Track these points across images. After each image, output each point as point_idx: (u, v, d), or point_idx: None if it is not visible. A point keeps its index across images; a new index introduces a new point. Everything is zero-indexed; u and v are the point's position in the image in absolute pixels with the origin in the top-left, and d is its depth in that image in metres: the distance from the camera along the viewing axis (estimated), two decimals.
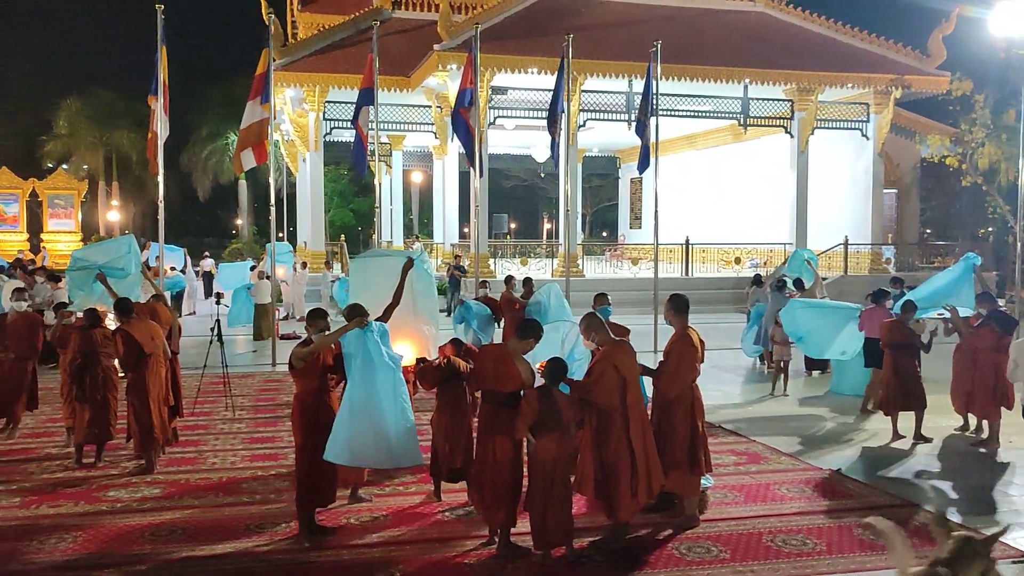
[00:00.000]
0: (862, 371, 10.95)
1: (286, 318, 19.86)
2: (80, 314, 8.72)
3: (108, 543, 6.02)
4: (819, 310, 11.56)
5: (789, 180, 26.16)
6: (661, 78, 15.50)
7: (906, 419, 9.18)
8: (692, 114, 25.20)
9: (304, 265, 22.39)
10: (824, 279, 17.59)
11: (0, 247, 29.99)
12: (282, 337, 15.84)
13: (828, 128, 26.03)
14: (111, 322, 8.70)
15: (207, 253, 30.23)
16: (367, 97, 14.35)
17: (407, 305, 7.33)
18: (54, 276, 14.12)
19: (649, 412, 6.40)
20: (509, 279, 12.98)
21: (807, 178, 25.82)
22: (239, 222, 50.84)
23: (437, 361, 6.89)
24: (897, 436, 9.14)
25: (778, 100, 25.30)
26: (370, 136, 14.83)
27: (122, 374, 8.24)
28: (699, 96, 24.54)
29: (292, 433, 6.38)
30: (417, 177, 42.24)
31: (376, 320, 6.59)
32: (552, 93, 15.25)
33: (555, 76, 15.69)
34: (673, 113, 24.21)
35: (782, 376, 11.94)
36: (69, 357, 8.20)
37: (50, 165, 46.19)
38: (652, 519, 6.40)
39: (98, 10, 77.19)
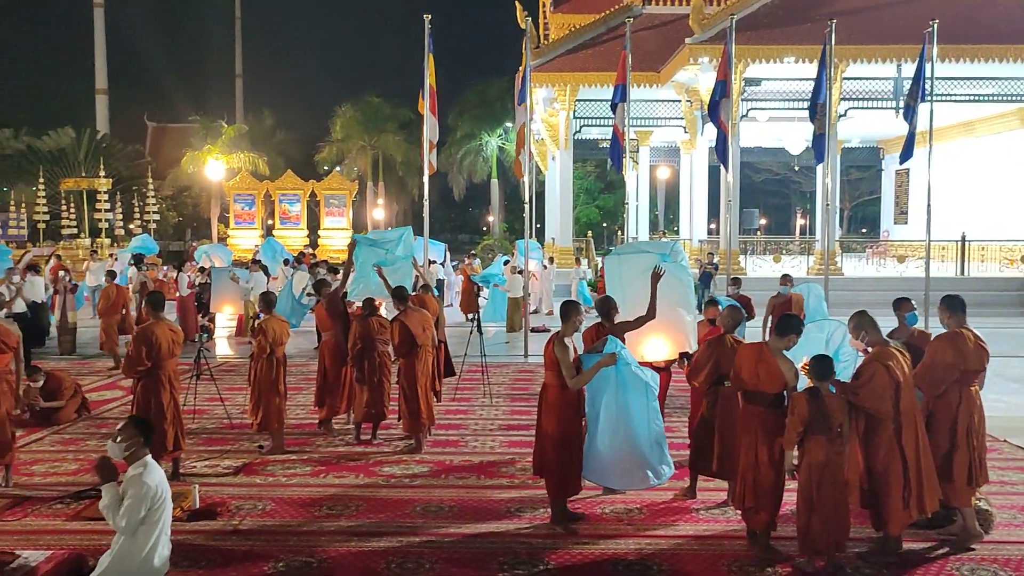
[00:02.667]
0: None
1: (535, 312, 20.48)
2: (360, 304, 9.54)
3: (385, 513, 6.56)
4: None
5: None
6: (936, 60, 14.27)
7: None
8: (971, 98, 23.06)
9: (552, 260, 23.01)
10: None
11: (284, 242, 33.42)
12: (533, 330, 16.35)
13: None
14: (385, 311, 9.44)
15: (474, 252, 31.58)
16: (621, 94, 14.47)
17: (663, 297, 7.15)
18: (334, 269, 15.48)
19: None
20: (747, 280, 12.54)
21: None
22: (491, 219, 53.08)
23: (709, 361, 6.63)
24: None
25: None
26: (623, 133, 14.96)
27: (394, 360, 8.92)
28: (980, 79, 22.35)
29: (547, 423, 6.34)
30: (663, 172, 41.91)
31: (627, 324, 6.67)
32: (814, 83, 14.53)
33: (814, 64, 14.98)
34: (949, 98, 22.26)
35: None
36: (350, 343, 8.98)
37: (325, 168, 50.77)
38: (927, 534, 5.96)
39: (368, 22, 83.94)
